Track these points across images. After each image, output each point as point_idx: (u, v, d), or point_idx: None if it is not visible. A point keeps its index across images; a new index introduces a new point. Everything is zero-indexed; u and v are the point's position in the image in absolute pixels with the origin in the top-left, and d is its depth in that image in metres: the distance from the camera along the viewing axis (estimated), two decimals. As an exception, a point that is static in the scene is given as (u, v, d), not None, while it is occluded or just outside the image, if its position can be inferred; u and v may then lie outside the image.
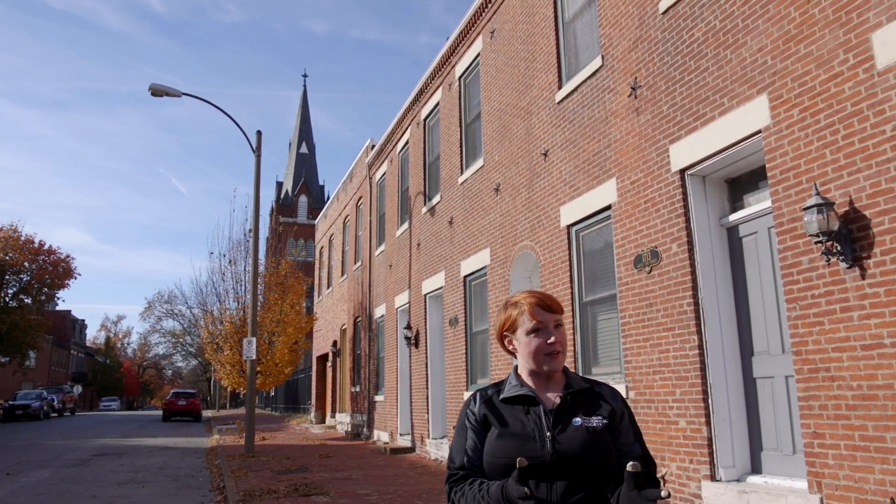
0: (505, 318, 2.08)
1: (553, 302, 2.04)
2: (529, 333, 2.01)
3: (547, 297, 2.05)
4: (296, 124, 79.22)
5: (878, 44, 4.59)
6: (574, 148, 8.35)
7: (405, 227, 15.49)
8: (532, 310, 2.01)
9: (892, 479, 4.34)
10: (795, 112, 5.21)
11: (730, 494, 5.60)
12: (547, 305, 2.02)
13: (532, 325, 2.00)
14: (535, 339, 2.00)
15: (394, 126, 16.79)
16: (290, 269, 23.20)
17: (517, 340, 2.05)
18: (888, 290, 4.43)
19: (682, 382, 6.24)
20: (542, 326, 2.00)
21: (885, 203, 4.48)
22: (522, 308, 2.03)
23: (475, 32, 11.88)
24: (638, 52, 7.21)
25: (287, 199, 73.31)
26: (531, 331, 2.00)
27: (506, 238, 10.17)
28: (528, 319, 2.01)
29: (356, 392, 19.98)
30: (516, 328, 2.05)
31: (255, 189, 16.40)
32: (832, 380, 4.79)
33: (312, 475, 10.71)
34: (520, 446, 1.90)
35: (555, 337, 1.99)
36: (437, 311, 13.59)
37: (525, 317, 2.02)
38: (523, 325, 2.02)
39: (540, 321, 2.00)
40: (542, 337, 2.00)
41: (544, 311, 2.01)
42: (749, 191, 6.23)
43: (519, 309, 2.04)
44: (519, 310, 2.04)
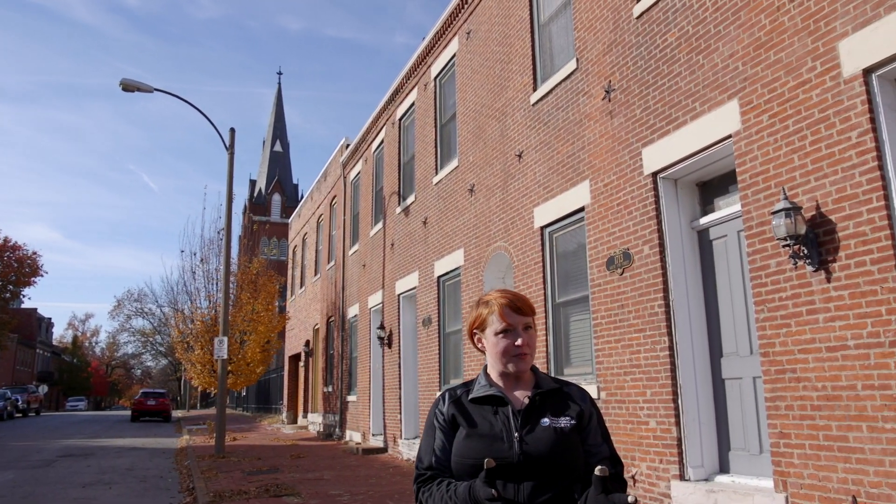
0: (476, 316, 2.08)
1: (524, 304, 2.04)
2: (498, 334, 2.01)
3: (519, 298, 2.05)
4: (270, 122, 78.60)
5: (844, 52, 4.69)
6: (548, 150, 8.40)
7: (379, 227, 15.46)
8: (502, 311, 2.01)
9: (854, 478, 4.44)
10: (765, 118, 5.30)
11: (698, 494, 5.68)
12: (517, 307, 2.02)
13: (501, 327, 2.00)
14: (503, 341, 2.00)
15: (369, 125, 16.74)
16: (263, 268, 23.00)
17: (486, 340, 2.05)
18: (852, 294, 4.52)
19: (653, 383, 6.31)
20: (511, 328, 2.00)
21: (850, 208, 4.57)
22: (493, 308, 2.03)
23: (451, 33, 11.90)
24: (612, 56, 7.27)
25: (260, 198, 72.69)
26: (500, 332, 2.00)
27: (480, 239, 10.20)
28: (498, 320, 2.00)
29: (328, 392, 19.87)
30: (485, 327, 2.04)
31: (227, 187, 16.24)
32: (798, 381, 4.88)
33: (283, 476, 10.63)
34: (487, 447, 1.90)
35: (522, 339, 1.99)
36: (410, 312, 13.58)
37: (494, 317, 2.01)
38: (492, 325, 2.02)
39: (509, 323, 2.00)
40: (510, 339, 1.99)
41: (514, 313, 2.01)
42: (720, 194, 6.32)
43: (489, 308, 2.04)
44: (489, 309, 2.04)
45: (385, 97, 15.35)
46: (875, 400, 4.34)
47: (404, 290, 13.46)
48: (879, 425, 4.31)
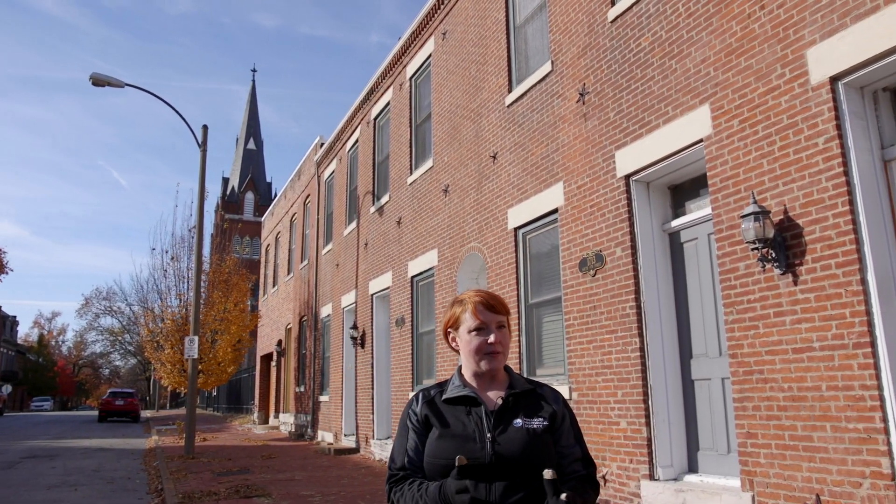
0: (450, 315, 2.10)
1: (498, 303, 2.06)
2: (471, 332, 2.02)
3: (493, 297, 2.07)
4: (243, 119, 77.90)
5: (812, 60, 4.78)
6: (523, 151, 8.44)
7: (353, 227, 15.40)
8: (475, 309, 2.02)
9: (818, 477, 4.53)
10: (735, 122, 5.39)
11: (667, 493, 5.75)
12: (491, 305, 2.04)
13: (474, 325, 2.02)
14: (476, 338, 2.01)
15: (343, 124, 16.67)
16: (235, 267, 22.80)
17: (459, 338, 2.07)
18: (818, 296, 4.61)
19: (624, 384, 6.37)
20: (484, 326, 2.01)
21: (817, 213, 4.66)
22: (467, 306, 2.05)
23: (427, 33, 11.89)
24: (587, 59, 7.33)
25: (233, 196, 71.99)
26: (473, 329, 2.02)
27: (453, 239, 10.21)
28: (471, 318, 2.02)
29: (301, 392, 19.74)
30: (459, 325, 2.06)
31: (199, 184, 16.05)
32: (765, 382, 4.97)
33: (254, 476, 10.54)
34: (460, 447, 1.91)
35: (495, 337, 2.01)
36: (383, 312, 13.55)
37: (468, 315, 2.03)
38: (466, 322, 2.04)
39: (482, 321, 2.01)
40: (482, 336, 2.01)
41: (488, 311, 2.03)
42: (691, 198, 6.40)
43: (463, 307, 2.06)
44: (463, 307, 2.06)
45: (360, 96, 15.29)
46: (839, 400, 4.43)
47: (378, 289, 13.43)
48: (843, 425, 4.40)
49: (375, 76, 14.27)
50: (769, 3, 5.17)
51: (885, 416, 4.18)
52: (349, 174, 16.46)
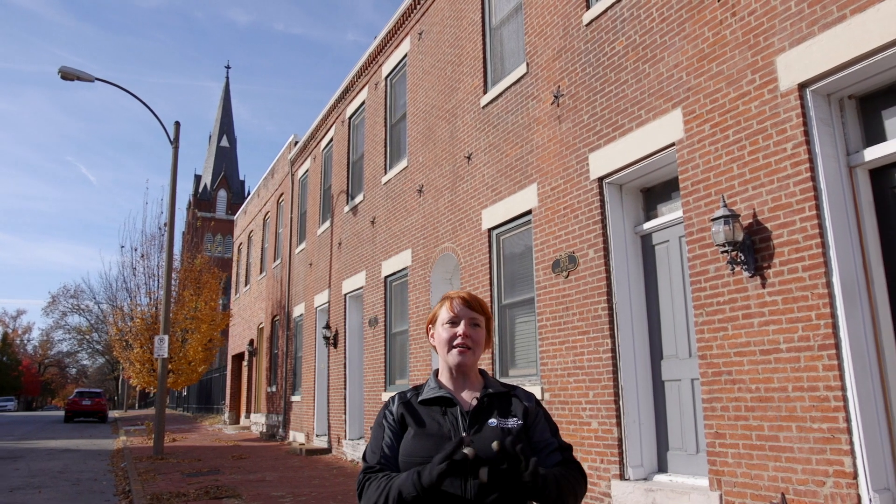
0: (433, 311, 2.16)
1: (477, 302, 2.10)
2: (444, 324, 2.07)
3: (473, 297, 2.12)
4: (217, 116, 77.04)
5: (781, 67, 4.87)
6: (497, 152, 8.46)
7: (327, 226, 15.32)
8: (452, 303, 2.08)
9: (783, 476, 4.61)
10: (707, 127, 5.46)
11: (637, 493, 5.81)
12: (468, 302, 2.08)
13: (448, 317, 2.06)
14: (448, 331, 2.05)
15: (318, 123, 16.58)
16: (207, 265, 22.56)
17: (435, 332, 2.11)
18: (785, 299, 4.70)
19: (596, 384, 6.42)
20: (457, 319, 2.05)
21: (785, 217, 4.75)
22: (446, 302, 2.10)
23: (403, 33, 11.88)
24: (561, 62, 7.38)
25: (205, 194, 71.17)
26: (446, 322, 2.06)
27: (427, 239, 10.21)
28: (447, 312, 2.07)
29: (272, 392, 19.59)
30: (437, 319, 2.11)
31: (171, 181, 15.85)
32: (733, 382, 5.05)
33: (224, 477, 10.43)
34: (435, 446, 1.92)
35: (464, 330, 2.04)
36: (356, 311, 13.50)
37: (445, 309, 2.08)
38: (442, 316, 2.09)
39: (456, 314, 2.06)
40: (453, 328, 2.05)
41: (463, 307, 2.07)
42: (662, 201, 6.48)
43: (443, 303, 2.12)
44: (443, 303, 2.11)
45: (335, 95, 15.22)
46: (804, 401, 4.52)
47: (351, 289, 13.37)
48: (808, 425, 4.48)
49: (351, 75, 14.22)
50: (741, 10, 5.25)
51: (849, 417, 4.27)
52: (323, 173, 16.38)
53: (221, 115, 76.71)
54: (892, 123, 4.59)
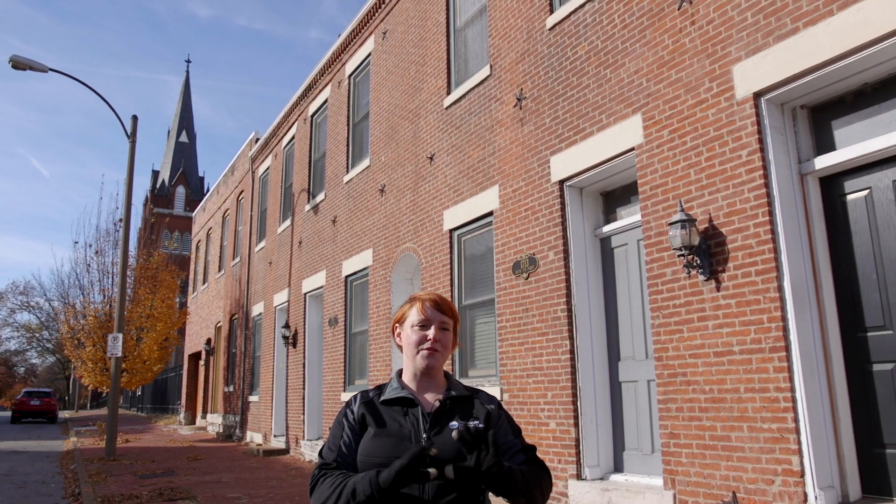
0: (400, 311, 2.14)
1: (447, 305, 2.10)
2: (413, 326, 2.06)
3: (443, 299, 2.11)
4: (176, 111, 75.66)
5: (738, 76, 4.98)
6: (459, 153, 8.49)
7: (287, 224, 15.17)
8: (423, 306, 2.07)
9: (734, 475, 4.72)
10: (665, 133, 5.56)
11: (593, 493, 5.88)
12: (438, 305, 2.08)
13: (417, 320, 2.05)
14: (417, 333, 2.05)
15: (280, 120, 16.41)
16: (163, 263, 22.13)
17: (403, 333, 2.10)
18: (738, 302, 4.81)
19: (554, 385, 6.48)
20: (427, 322, 2.05)
21: (740, 222, 4.86)
22: (416, 303, 2.09)
23: (367, 32, 11.83)
24: (525, 65, 7.44)
25: (163, 189, 69.82)
26: (415, 324, 2.05)
27: (389, 239, 10.19)
28: (417, 313, 2.06)
29: (230, 392, 19.31)
30: (405, 320, 2.10)
31: (128, 176, 15.51)
32: (688, 384, 5.15)
33: (179, 479, 10.25)
34: (395, 446, 1.91)
35: (434, 334, 2.04)
36: (316, 311, 13.39)
37: (415, 310, 2.07)
38: (410, 318, 2.08)
39: (426, 317, 2.05)
40: (423, 331, 2.04)
41: (434, 310, 2.06)
42: (622, 204, 6.57)
43: (412, 304, 2.10)
44: (412, 304, 2.10)
45: (298, 92, 15.08)
46: (755, 402, 4.63)
47: (311, 288, 13.26)
48: (758, 425, 4.60)
49: (314, 73, 14.10)
50: (699, 19, 5.36)
51: (797, 417, 4.39)
52: (284, 171, 16.21)
53: (181, 110, 75.35)
54: (842, 133, 4.73)
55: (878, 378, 4.40)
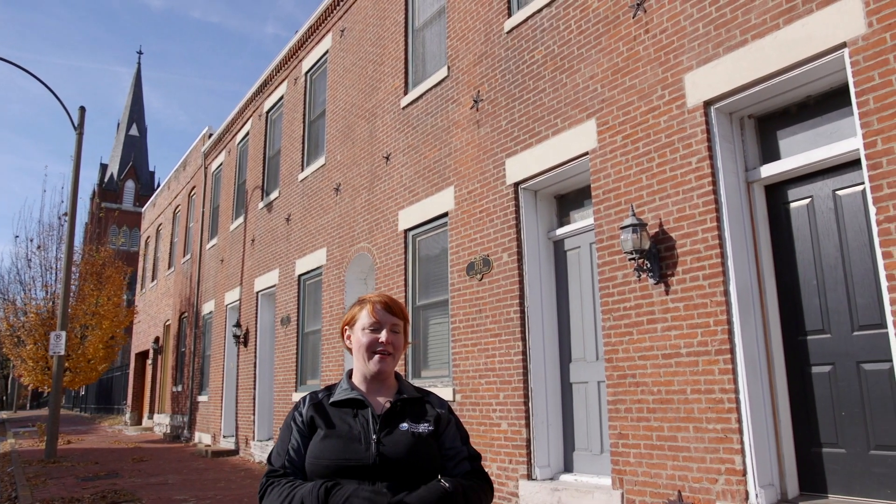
0: (350, 313, 2.12)
1: (397, 307, 2.10)
2: (365, 329, 2.04)
3: (394, 301, 2.11)
4: (126, 103, 73.69)
5: (689, 85, 5.10)
6: (416, 154, 8.48)
7: (240, 222, 14.94)
8: (373, 308, 2.06)
9: (680, 474, 4.83)
10: (619, 138, 5.66)
11: (543, 492, 5.95)
12: (389, 307, 2.07)
13: (369, 322, 2.04)
14: (369, 336, 2.04)
15: (234, 116, 16.14)
16: (110, 259, 21.54)
17: (353, 335, 2.08)
18: (686, 305, 4.92)
19: (506, 386, 6.53)
20: (379, 325, 2.04)
21: (688, 227, 4.98)
22: (366, 305, 2.08)
23: (325, 29, 11.73)
24: (482, 67, 7.47)
25: (112, 184, 67.93)
26: (367, 327, 2.04)
27: (343, 239, 10.12)
28: (368, 316, 2.05)
29: (178, 392, 18.91)
30: (355, 323, 2.08)
31: (74, 169, 15.05)
32: (637, 385, 5.24)
33: (123, 481, 9.99)
34: (344, 448, 1.91)
35: (387, 337, 2.03)
36: (269, 310, 13.22)
37: (365, 313, 2.06)
38: (361, 320, 2.06)
39: (378, 319, 2.04)
40: (375, 334, 2.03)
41: (385, 312, 2.06)
42: (575, 208, 6.66)
43: (362, 306, 2.09)
44: (362, 306, 2.09)
45: (253, 88, 14.87)
46: (701, 403, 4.75)
47: (263, 287, 13.09)
48: (704, 426, 4.71)
49: (270, 68, 13.92)
50: (653, 27, 5.47)
51: (740, 418, 4.51)
52: (238, 167, 15.96)
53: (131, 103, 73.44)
54: (786, 143, 4.89)
55: (817, 380, 4.56)
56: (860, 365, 4.34)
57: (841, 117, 4.57)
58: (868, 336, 4.31)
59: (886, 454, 4.15)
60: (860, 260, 4.40)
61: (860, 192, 4.44)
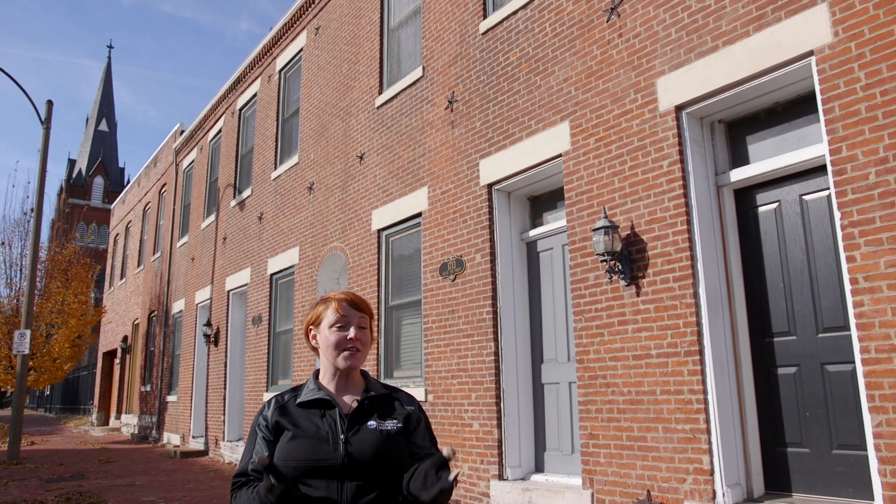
0: (313, 312, 2.10)
1: (362, 302, 2.08)
2: (331, 327, 2.03)
3: (357, 297, 2.10)
4: (96, 98, 72.36)
5: (661, 89, 5.16)
6: (390, 154, 8.47)
7: (212, 220, 14.77)
8: (338, 305, 2.04)
9: (649, 474, 4.88)
10: (592, 141, 5.70)
11: (514, 492, 5.97)
12: (354, 303, 2.06)
13: (335, 320, 2.03)
14: (336, 334, 2.02)
15: (207, 112, 15.96)
16: (78, 256, 21.16)
17: (320, 335, 2.07)
18: (657, 307, 4.98)
19: (478, 387, 6.55)
20: (345, 322, 2.03)
21: (660, 230, 5.04)
22: (330, 303, 2.06)
23: (300, 26, 11.66)
24: (457, 68, 7.49)
25: (80, 179, 66.71)
26: (333, 324, 2.03)
27: (316, 238, 10.06)
28: (333, 314, 2.04)
29: (146, 391, 18.65)
30: (321, 322, 2.07)
31: (41, 164, 14.76)
32: (608, 386, 5.29)
33: (89, 482, 9.82)
34: (312, 448, 1.90)
35: (354, 333, 2.02)
36: (240, 309, 13.09)
37: (330, 311, 2.04)
38: (327, 318, 2.05)
39: (343, 316, 2.03)
40: (342, 332, 2.02)
41: (350, 308, 2.05)
42: (548, 209, 6.70)
43: (326, 304, 2.07)
44: (326, 305, 2.07)
45: (226, 85, 14.71)
46: (670, 403, 4.81)
47: (235, 286, 12.96)
48: (673, 426, 4.77)
49: (243, 65, 13.79)
50: (627, 32, 5.53)
51: (708, 418, 4.58)
52: (210, 165, 15.78)
53: (101, 97, 72.17)
54: (755, 148, 4.98)
55: (782, 381, 4.64)
56: (824, 366, 4.43)
57: (808, 124, 4.66)
58: (832, 338, 4.40)
59: (848, 453, 4.24)
60: (825, 264, 4.49)
61: (826, 198, 4.53)
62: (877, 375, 3.78)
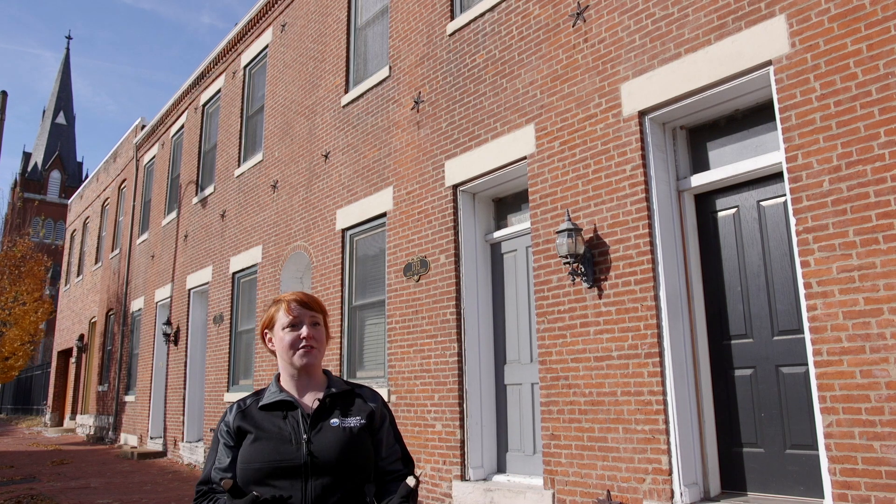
0: (267, 315, 2.11)
1: (313, 301, 2.09)
2: (285, 328, 2.04)
3: (308, 296, 2.10)
4: (53, 90, 70.58)
5: (625, 94, 5.24)
6: (355, 153, 8.43)
7: (173, 217, 14.52)
8: (289, 306, 2.05)
9: (609, 474, 4.95)
10: (556, 144, 5.76)
11: (476, 493, 5.99)
12: (305, 303, 2.07)
13: (288, 321, 2.04)
14: (290, 334, 2.03)
15: (169, 108, 15.69)
16: (31, 251, 20.62)
17: (275, 336, 2.07)
18: (618, 310, 5.05)
19: (441, 388, 6.56)
20: (298, 322, 2.03)
21: (622, 233, 5.11)
22: (281, 305, 2.07)
23: (266, 23, 11.53)
24: (423, 69, 7.48)
25: (36, 173, 64.98)
26: (286, 326, 2.04)
27: (279, 236, 9.97)
28: (285, 314, 2.05)
29: (103, 391, 18.25)
30: (275, 324, 2.07)
31: (-7, 158, 14.36)
32: (570, 387, 5.35)
33: (42, 485, 9.58)
34: (274, 450, 1.90)
35: (307, 331, 2.03)
36: (201, 308, 12.90)
37: (282, 312, 2.05)
38: (280, 320, 2.06)
39: (296, 316, 2.04)
40: (296, 332, 2.03)
41: (302, 308, 2.05)
42: (513, 211, 6.74)
43: (278, 306, 2.08)
44: (278, 307, 2.08)
45: (189, 80, 14.49)
46: (630, 405, 4.87)
47: (196, 284, 12.76)
48: (633, 427, 4.84)
49: (207, 60, 13.59)
50: (592, 37, 5.59)
51: (667, 419, 4.66)
52: (172, 161, 15.52)
53: (59, 90, 70.41)
54: (715, 155, 5.08)
55: (739, 382, 4.75)
56: (779, 368, 4.54)
57: (766, 132, 4.77)
58: (787, 341, 4.52)
59: (800, 453, 4.36)
60: (781, 268, 4.60)
61: (782, 204, 4.64)
62: (828, 377, 3.89)
